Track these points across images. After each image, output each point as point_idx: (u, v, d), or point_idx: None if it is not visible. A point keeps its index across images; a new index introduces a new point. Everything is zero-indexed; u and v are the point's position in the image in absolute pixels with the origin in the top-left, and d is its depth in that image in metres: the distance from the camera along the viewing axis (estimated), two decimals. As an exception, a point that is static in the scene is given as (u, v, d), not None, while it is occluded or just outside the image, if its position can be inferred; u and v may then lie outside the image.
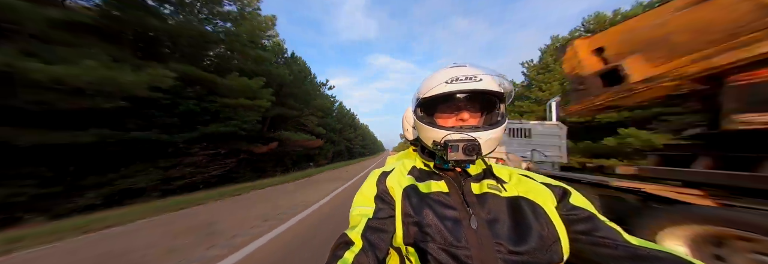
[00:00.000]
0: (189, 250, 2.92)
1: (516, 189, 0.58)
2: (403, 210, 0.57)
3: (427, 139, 0.61)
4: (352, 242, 0.51)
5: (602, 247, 0.47)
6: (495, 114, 0.62)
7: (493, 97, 0.60)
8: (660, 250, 0.43)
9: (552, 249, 0.48)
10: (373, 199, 0.61)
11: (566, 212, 0.53)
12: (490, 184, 0.58)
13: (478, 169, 0.62)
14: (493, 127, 0.56)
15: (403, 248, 0.54)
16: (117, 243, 3.27)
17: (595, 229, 0.49)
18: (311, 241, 3.18)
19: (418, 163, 0.70)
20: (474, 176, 0.61)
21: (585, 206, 0.54)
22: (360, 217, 0.57)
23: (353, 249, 0.49)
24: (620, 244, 0.46)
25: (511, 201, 0.55)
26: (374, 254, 0.50)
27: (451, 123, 0.61)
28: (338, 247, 0.52)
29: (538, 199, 0.55)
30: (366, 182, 0.66)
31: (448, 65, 0.63)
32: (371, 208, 0.58)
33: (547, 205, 0.54)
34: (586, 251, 0.48)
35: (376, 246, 0.51)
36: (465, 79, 0.55)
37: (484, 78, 0.55)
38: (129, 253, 2.89)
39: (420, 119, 0.63)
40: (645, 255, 0.43)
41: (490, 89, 0.56)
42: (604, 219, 0.51)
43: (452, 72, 0.58)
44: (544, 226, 0.50)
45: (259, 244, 3.08)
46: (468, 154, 0.53)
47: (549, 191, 0.57)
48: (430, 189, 0.59)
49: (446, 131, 0.56)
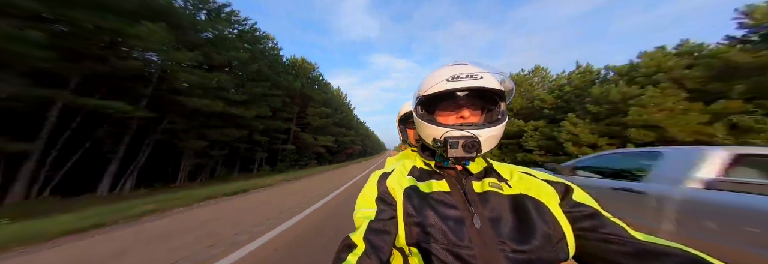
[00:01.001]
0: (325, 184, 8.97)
1: (518, 187, 0.57)
2: (405, 211, 0.57)
3: (427, 136, 0.61)
4: (355, 245, 0.51)
5: (609, 243, 0.46)
6: (495, 112, 0.62)
7: (493, 96, 0.60)
8: (666, 245, 0.43)
9: (557, 247, 0.47)
10: (374, 200, 0.60)
11: (570, 209, 0.53)
12: (491, 182, 0.58)
13: (479, 167, 0.62)
14: (493, 125, 0.56)
15: (406, 249, 0.54)
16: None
17: (600, 226, 0.49)
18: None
19: (418, 163, 0.69)
20: (475, 175, 0.60)
21: (588, 203, 0.53)
22: (362, 219, 0.56)
23: (356, 252, 0.49)
24: (627, 240, 0.45)
25: (513, 199, 0.55)
26: (377, 256, 0.50)
27: (452, 121, 0.61)
28: (342, 250, 0.51)
29: (540, 196, 0.55)
30: (367, 184, 0.66)
31: (450, 63, 0.63)
32: (373, 209, 0.58)
33: (550, 203, 0.53)
34: (592, 248, 0.48)
35: (379, 248, 0.51)
36: (466, 76, 0.55)
37: (486, 76, 0.56)
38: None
39: (420, 117, 0.63)
40: (652, 250, 0.43)
41: (491, 87, 0.56)
42: (609, 215, 0.51)
43: (454, 70, 0.58)
44: (548, 223, 0.50)
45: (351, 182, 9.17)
46: (468, 151, 0.53)
47: (551, 188, 0.56)
48: (431, 188, 0.59)
49: (446, 128, 0.57)
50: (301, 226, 3.81)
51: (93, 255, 2.72)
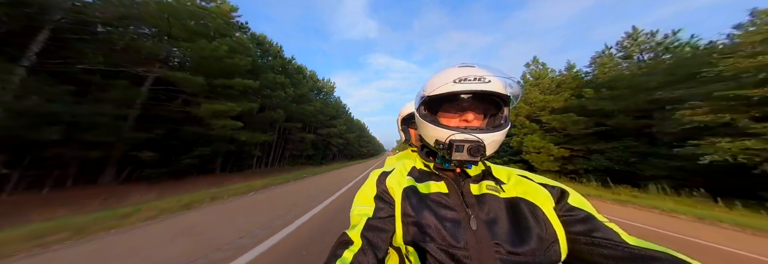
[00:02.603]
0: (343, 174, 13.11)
1: (514, 190, 0.58)
2: (403, 210, 0.57)
3: (430, 137, 0.61)
4: (352, 241, 0.51)
5: (601, 247, 0.47)
6: (499, 117, 0.62)
7: (498, 100, 0.60)
8: (658, 251, 0.44)
9: (550, 249, 0.48)
10: (372, 198, 0.61)
11: (564, 213, 0.53)
12: (489, 184, 0.59)
13: (477, 169, 0.63)
14: (497, 130, 0.56)
15: (403, 248, 0.54)
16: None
17: (593, 230, 0.49)
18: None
19: (417, 164, 0.70)
20: (473, 177, 0.61)
21: (583, 207, 0.54)
22: (360, 216, 0.57)
23: (352, 248, 0.50)
24: (619, 245, 0.46)
25: (509, 202, 0.55)
26: (373, 253, 0.50)
27: (456, 123, 0.61)
28: (338, 246, 0.52)
29: (536, 199, 0.55)
30: (366, 182, 0.67)
31: (457, 64, 0.62)
32: (371, 207, 0.59)
33: (545, 206, 0.54)
34: (585, 252, 0.48)
35: (376, 245, 0.52)
36: (474, 79, 0.54)
37: (493, 80, 0.55)
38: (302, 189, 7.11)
39: (423, 117, 0.62)
40: (644, 255, 0.43)
41: (498, 92, 0.55)
42: (604, 219, 0.52)
43: (461, 72, 0.57)
44: (543, 226, 0.50)
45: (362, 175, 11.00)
46: (473, 155, 0.52)
47: (547, 192, 0.57)
48: (430, 190, 0.59)
49: (451, 131, 0.56)
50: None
51: (254, 200, 5.61)
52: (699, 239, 4.08)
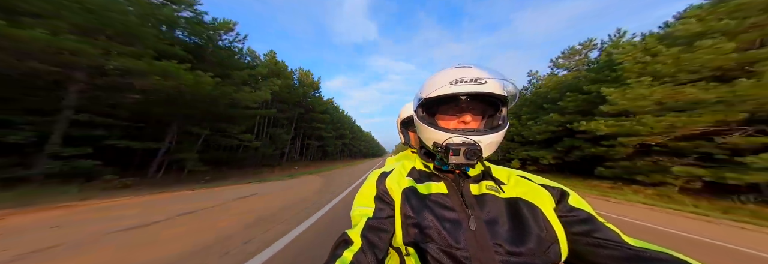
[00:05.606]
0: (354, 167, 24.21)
1: (514, 190, 0.58)
2: (403, 211, 0.57)
3: (428, 139, 0.61)
4: (352, 241, 0.51)
5: (601, 248, 0.47)
6: (497, 117, 0.62)
7: (496, 101, 0.60)
8: (659, 251, 0.44)
9: (550, 250, 0.48)
10: (372, 199, 0.61)
11: (565, 213, 0.53)
12: (488, 185, 0.59)
13: (477, 170, 0.62)
14: (494, 131, 0.56)
15: (403, 248, 0.54)
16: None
17: (593, 231, 0.49)
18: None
19: (417, 164, 0.70)
20: (473, 177, 0.61)
21: (584, 207, 0.54)
22: (360, 216, 0.57)
23: (352, 248, 0.50)
24: (620, 245, 0.46)
25: (509, 202, 0.55)
26: (373, 253, 0.50)
27: (453, 125, 0.61)
28: (338, 246, 0.52)
29: (536, 200, 0.55)
30: (366, 183, 0.67)
31: (454, 65, 0.62)
32: (371, 208, 0.59)
33: (545, 207, 0.54)
34: (585, 252, 0.48)
35: (376, 245, 0.52)
36: (470, 81, 0.54)
37: (490, 81, 0.54)
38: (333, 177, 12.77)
39: (421, 119, 0.62)
40: (644, 256, 0.43)
41: (495, 93, 0.55)
42: (604, 220, 0.52)
43: (458, 73, 0.57)
44: (543, 227, 0.50)
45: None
46: (469, 159, 0.52)
47: (547, 193, 0.57)
48: (430, 190, 0.59)
49: (448, 134, 0.56)
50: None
51: (306, 179, 11.59)
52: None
